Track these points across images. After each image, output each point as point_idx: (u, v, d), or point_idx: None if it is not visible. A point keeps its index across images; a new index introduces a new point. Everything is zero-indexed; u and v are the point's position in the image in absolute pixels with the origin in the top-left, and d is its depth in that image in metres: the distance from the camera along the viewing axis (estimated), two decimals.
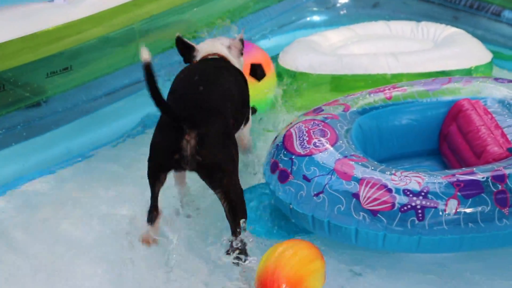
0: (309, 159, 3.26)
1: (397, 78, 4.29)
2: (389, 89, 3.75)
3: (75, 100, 4.09)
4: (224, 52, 3.64)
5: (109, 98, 4.22)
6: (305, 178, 3.22)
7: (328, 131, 3.40)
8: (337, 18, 5.16)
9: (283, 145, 3.40)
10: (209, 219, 3.44)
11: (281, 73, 4.41)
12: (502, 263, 3.25)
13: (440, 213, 3.02)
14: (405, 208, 3.04)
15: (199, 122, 3.07)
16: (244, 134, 3.73)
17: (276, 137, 3.54)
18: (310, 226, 3.24)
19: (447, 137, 3.64)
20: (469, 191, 3.04)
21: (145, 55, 2.87)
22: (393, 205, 3.05)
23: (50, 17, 3.88)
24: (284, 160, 3.33)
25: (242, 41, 3.76)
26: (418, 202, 3.04)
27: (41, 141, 3.99)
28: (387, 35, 4.71)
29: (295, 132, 3.43)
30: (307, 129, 3.43)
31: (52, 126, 4.02)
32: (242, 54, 3.77)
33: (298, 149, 3.33)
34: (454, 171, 3.16)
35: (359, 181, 3.12)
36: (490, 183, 3.06)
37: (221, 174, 3.10)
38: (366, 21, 4.88)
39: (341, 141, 3.34)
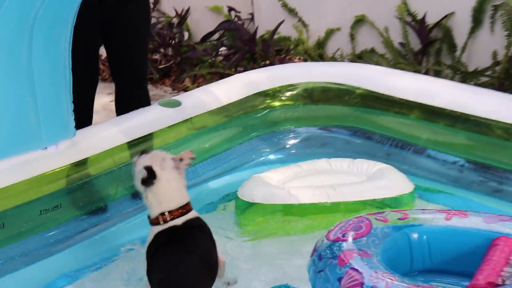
0: (330, 244, 4.00)
1: (335, 205, 5.12)
2: (453, 213, 4.25)
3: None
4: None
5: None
6: (319, 257, 3.97)
7: (364, 227, 4.08)
8: (289, 157, 6.08)
9: (329, 230, 4.17)
10: None
11: (239, 205, 5.34)
12: None
13: None
14: None
15: None
16: None
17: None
18: None
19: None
20: None
21: None
22: None
23: (44, 163, 4.74)
24: (319, 241, 4.11)
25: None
26: None
27: None
28: (327, 170, 5.55)
29: (343, 223, 4.17)
30: (351, 222, 4.15)
31: None
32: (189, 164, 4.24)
33: (331, 235, 4.08)
34: (423, 284, 3.66)
35: (348, 269, 3.79)
36: None
37: None
38: (312, 159, 5.70)
39: (365, 238, 4.01)
